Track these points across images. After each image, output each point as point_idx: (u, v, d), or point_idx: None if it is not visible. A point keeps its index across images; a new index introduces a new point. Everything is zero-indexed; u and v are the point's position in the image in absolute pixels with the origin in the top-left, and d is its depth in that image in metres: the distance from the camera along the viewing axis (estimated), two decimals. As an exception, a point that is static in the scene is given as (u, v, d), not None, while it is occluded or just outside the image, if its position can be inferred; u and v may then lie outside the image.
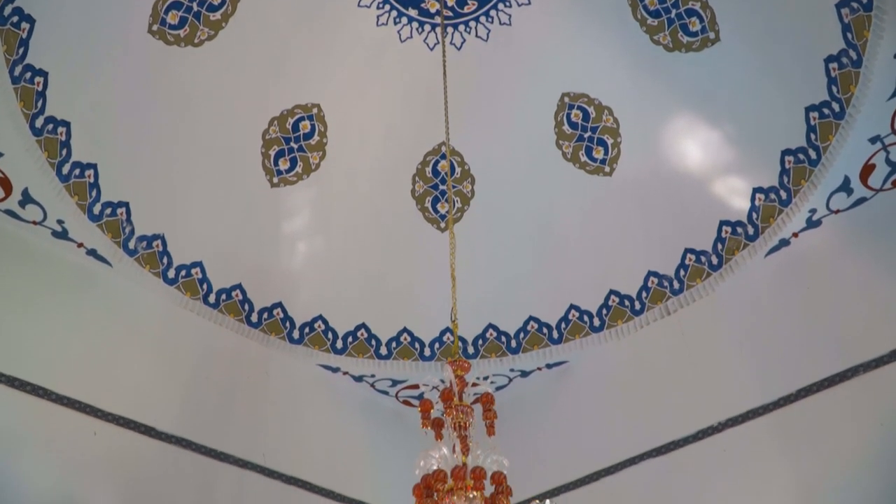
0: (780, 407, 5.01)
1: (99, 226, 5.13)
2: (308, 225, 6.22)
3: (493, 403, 3.45)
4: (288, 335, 6.14)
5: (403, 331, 6.44)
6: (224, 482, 5.32)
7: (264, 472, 5.56)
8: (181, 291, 5.62)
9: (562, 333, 6.32)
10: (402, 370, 6.36)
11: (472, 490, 2.93)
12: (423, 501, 3.14)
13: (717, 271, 5.69)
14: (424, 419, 3.41)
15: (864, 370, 4.72)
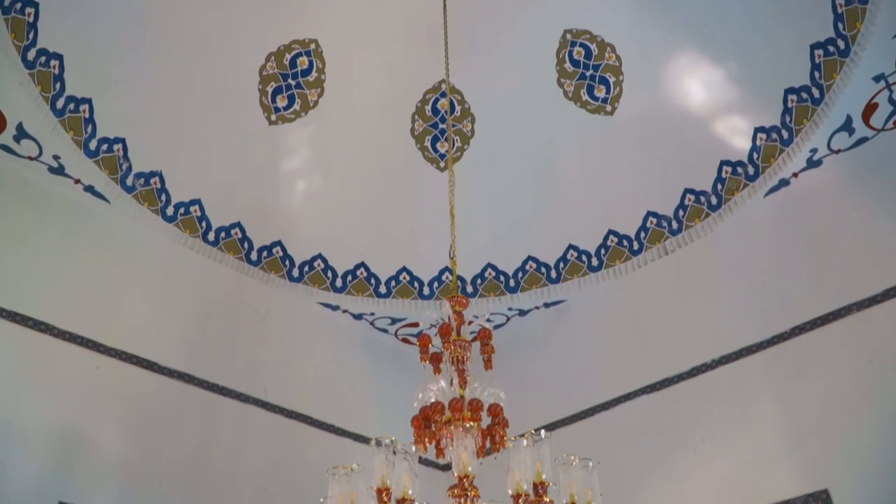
0: (774, 345, 5.09)
1: (95, 162, 5.10)
2: (306, 163, 6.19)
3: (490, 338, 3.50)
4: (288, 273, 6.18)
5: (402, 270, 6.48)
6: (227, 416, 5.44)
7: (266, 406, 5.69)
8: (180, 229, 5.63)
9: (560, 273, 6.37)
10: (402, 309, 6.42)
11: (469, 421, 2.99)
12: (421, 433, 3.21)
13: (715, 211, 5.69)
14: (423, 354, 3.45)
15: (857, 309, 4.78)
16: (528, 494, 2.61)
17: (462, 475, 2.64)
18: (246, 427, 5.51)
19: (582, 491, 2.84)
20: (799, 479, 4.62)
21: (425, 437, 3.19)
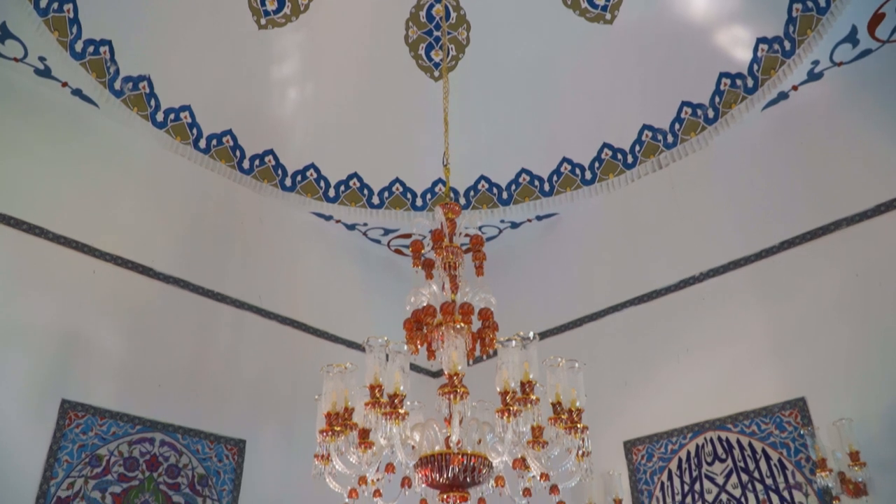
0: (762, 258, 5.16)
1: (82, 64, 4.98)
2: (298, 70, 6.04)
3: (482, 245, 3.53)
4: (280, 182, 6.16)
5: (395, 181, 6.47)
6: (223, 322, 5.55)
7: (261, 312, 5.79)
8: (171, 135, 5.56)
9: (553, 186, 6.37)
10: (394, 219, 6.45)
11: (460, 323, 3.06)
12: (412, 335, 3.29)
13: (712, 125, 5.65)
14: (415, 259, 3.48)
15: (846, 224, 4.82)
16: (515, 392, 2.70)
17: (452, 373, 2.72)
18: (241, 332, 5.63)
19: (567, 390, 2.95)
20: (778, 388, 4.79)
21: (417, 339, 3.27)
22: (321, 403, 3.01)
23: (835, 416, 4.35)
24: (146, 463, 4.69)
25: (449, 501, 2.92)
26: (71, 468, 4.33)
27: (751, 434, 4.78)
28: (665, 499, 5.03)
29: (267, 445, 5.38)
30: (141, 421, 4.75)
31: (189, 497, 4.81)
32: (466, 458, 2.81)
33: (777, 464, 4.61)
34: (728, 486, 4.77)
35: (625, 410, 5.46)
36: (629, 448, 5.35)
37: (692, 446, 5.03)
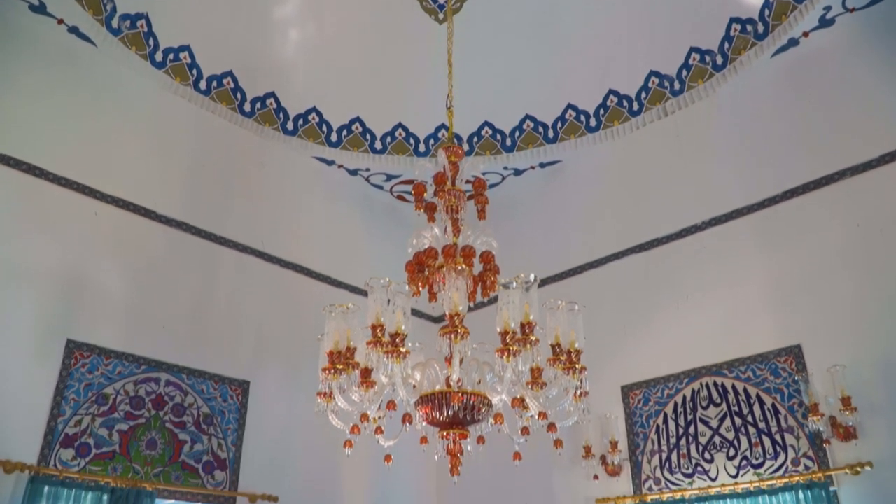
0: (764, 207, 5.16)
1: (78, 0, 4.87)
2: (299, 11, 5.91)
3: (484, 188, 3.53)
4: (282, 126, 6.11)
5: (398, 126, 6.40)
6: (226, 265, 5.58)
7: (263, 257, 5.82)
8: (170, 76, 5.49)
9: (557, 133, 6.31)
10: (397, 165, 6.41)
11: (462, 265, 3.07)
12: (414, 276, 3.31)
13: (720, 72, 5.56)
14: (418, 202, 3.48)
15: (851, 173, 4.80)
16: (514, 332, 2.73)
17: (453, 314, 2.75)
18: (244, 276, 5.66)
19: (567, 332, 2.98)
20: (774, 335, 4.84)
21: (418, 281, 3.30)
22: (323, 343, 3.05)
23: (829, 363, 4.42)
24: (152, 402, 4.78)
25: (449, 439, 2.98)
26: (78, 406, 4.42)
27: (746, 380, 4.86)
28: (660, 441, 5.14)
29: (270, 386, 5.47)
30: (146, 361, 4.82)
31: (195, 435, 4.92)
32: (466, 396, 2.86)
33: (770, 408, 4.70)
34: (722, 430, 4.87)
35: (623, 356, 5.54)
36: (626, 392, 5.45)
37: (688, 391, 5.12)
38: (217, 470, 4.95)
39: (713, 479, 4.79)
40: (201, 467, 4.87)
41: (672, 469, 5.01)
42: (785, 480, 4.41)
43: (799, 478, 4.36)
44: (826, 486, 4.24)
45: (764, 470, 4.60)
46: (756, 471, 4.63)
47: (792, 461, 4.51)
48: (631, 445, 5.28)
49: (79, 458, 4.32)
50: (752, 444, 4.70)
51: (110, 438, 4.50)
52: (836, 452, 4.36)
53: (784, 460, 4.54)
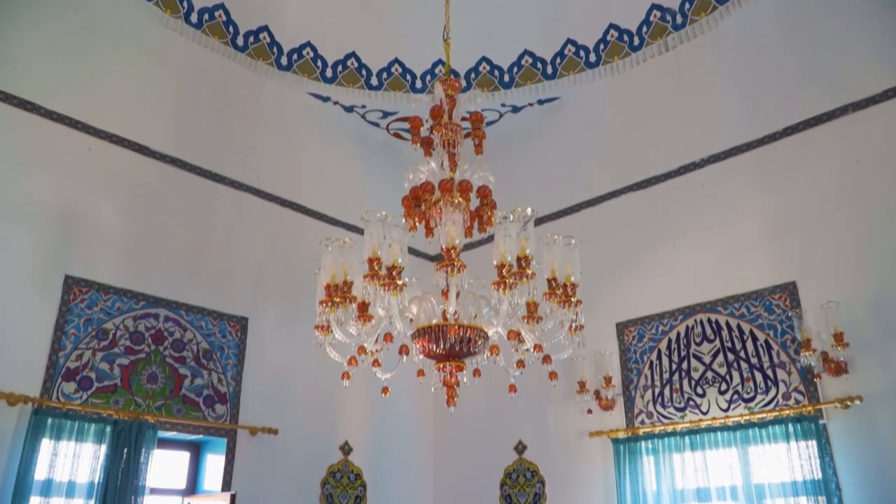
0: (764, 144, 5.11)
1: (64, -71, 4.72)
2: (292, -61, 5.74)
3: (481, 122, 3.47)
4: (276, 61, 5.99)
5: (395, 62, 6.28)
6: (222, 203, 5.55)
7: (259, 194, 5.79)
8: (160, 8, 5.34)
9: (556, 69, 6.20)
10: (393, 101, 6.31)
11: (458, 199, 3.05)
12: (411, 211, 3.29)
13: (723, 4, 5.42)
14: (414, 136, 3.42)
15: (852, 109, 4.74)
16: (511, 265, 2.74)
17: (449, 247, 2.74)
18: (241, 213, 5.65)
19: (563, 266, 2.99)
20: (769, 272, 4.87)
21: (415, 216, 3.28)
22: (320, 276, 3.06)
23: (823, 299, 4.46)
24: (152, 337, 4.83)
25: (445, 371, 3.02)
26: (78, 341, 4.46)
27: (740, 316, 4.91)
28: (653, 376, 5.23)
29: (269, 323, 5.52)
30: (145, 297, 4.85)
31: (195, 369, 4.99)
32: (462, 329, 2.88)
33: (763, 344, 4.76)
34: (714, 365, 4.95)
35: (619, 294, 5.58)
36: (621, 329, 5.51)
37: (682, 328, 5.18)
38: (218, 403, 5.04)
39: (704, 412, 4.89)
40: (202, 401, 4.96)
41: (664, 403, 5.11)
42: (775, 414, 4.50)
43: (789, 411, 4.45)
44: (815, 419, 4.33)
45: (755, 404, 4.69)
46: (747, 405, 4.72)
47: (783, 395, 4.60)
48: (624, 381, 5.37)
49: (81, 391, 4.39)
50: (743, 379, 4.78)
51: (111, 372, 4.56)
52: (827, 387, 4.44)
53: (775, 395, 4.63)
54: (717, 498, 4.61)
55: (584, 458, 5.41)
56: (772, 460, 4.46)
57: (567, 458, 5.53)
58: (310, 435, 5.53)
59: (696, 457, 4.76)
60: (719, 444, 4.67)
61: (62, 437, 4.15)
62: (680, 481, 4.79)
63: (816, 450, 4.26)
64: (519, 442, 5.88)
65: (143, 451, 4.40)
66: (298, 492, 5.33)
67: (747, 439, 4.56)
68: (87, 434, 4.25)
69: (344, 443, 5.74)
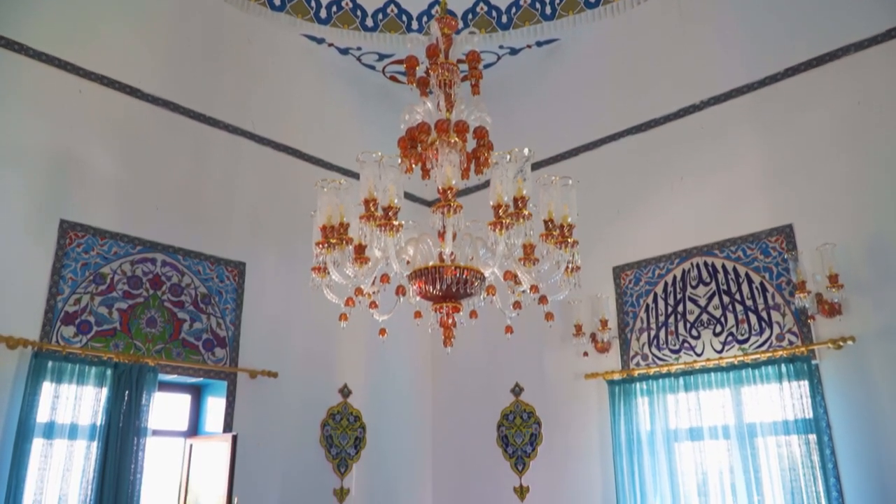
0: (765, 86, 5.04)
1: None
2: None
3: (479, 62, 3.39)
4: (269, 1, 5.83)
5: (390, 2, 6.12)
6: (217, 147, 5.50)
7: (254, 138, 5.73)
8: (148, -56, 5.19)
9: (555, 9, 6.05)
10: (389, 44, 6.18)
11: (455, 138, 3.01)
12: (407, 153, 3.26)
13: (727, -60, 5.27)
14: (410, 76, 3.36)
15: (854, 49, 4.67)
16: (507, 206, 2.72)
17: (446, 188, 2.72)
18: (236, 158, 5.60)
19: (560, 207, 2.97)
20: (767, 215, 4.86)
21: (411, 157, 3.25)
22: (316, 218, 3.04)
23: (819, 242, 4.47)
24: (149, 282, 4.84)
25: (442, 312, 3.04)
26: (76, 285, 4.47)
27: (736, 259, 4.93)
28: (649, 319, 5.27)
29: (266, 268, 5.53)
30: (141, 242, 4.84)
31: (193, 314, 5.02)
32: (459, 270, 2.88)
33: (758, 287, 4.79)
34: (709, 308, 4.99)
35: (616, 238, 5.58)
36: (618, 273, 5.53)
37: (678, 271, 5.20)
38: (217, 347, 5.08)
39: (699, 354, 4.95)
40: (201, 345, 5.00)
41: (659, 346, 5.17)
42: (768, 355, 4.55)
43: (782, 352, 4.50)
44: (808, 359, 4.39)
45: (749, 345, 4.74)
46: (741, 346, 4.78)
47: (776, 337, 4.64)
48: (620, 324, 5.41)
49: (80, 335, 4.42)
50: (738, 321, 4.83)
51: (110, 316, 4.59)
52: (820, 328, 4.48)
53: (769, 336, 4.68)
54: (709, 437, 4.71)
55: (580, 400, 5.50)
56: (764, 400, 4.54)
57: (563, 399, 5.62)
58: (309, 378, 5.60)
59: (690, 397, 4.83)
60: (713, 384, 4.74)
61: (63, 380, 4.19)
62: (673, 421, 4.89)
63: (808, 389, 4.32)
64: (516, 384, 5.97)
65: (144, 394, 4.45)
66: (299, 433, 5.43)
67: (740, 380, 4.62)
68: (87, 377, 4.30)
69: (343, 386, 5.82)
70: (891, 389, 4.18)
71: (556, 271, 3.02)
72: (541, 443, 5.67)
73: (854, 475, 4.20)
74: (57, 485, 4.06)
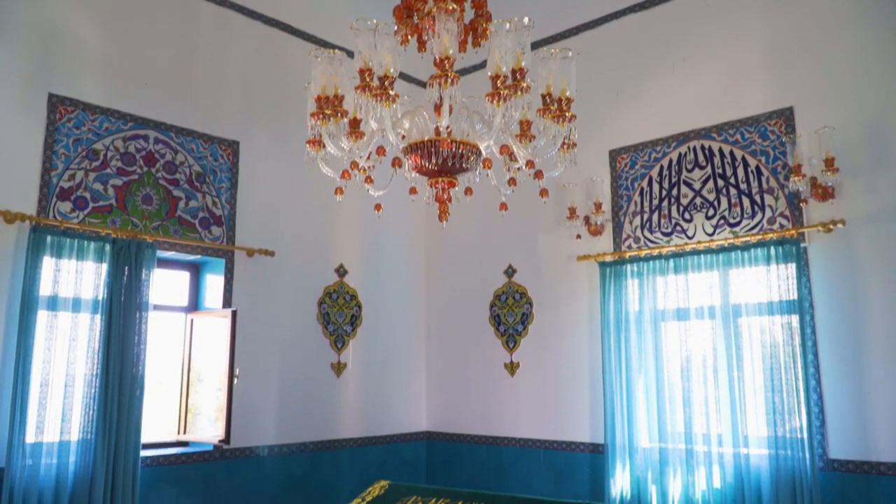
0: (776, -40, 4.83)
1: None
2: None
3: (478, -75, 3.24)
4: None
5: None
6: (206, 20, 5.32)
7: (244, 12, 5.53)
8: None
9: None
10: None
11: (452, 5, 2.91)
12: (403, 22, 3.17)
13: None
14: (407, -57, 3.21)
15: (875, -80, 4.43)
16: (506, 77, 2.67)
17: (443, 57, 2.65)
18: (226, 33, 5.42)
19: (558, 80, 2.91)
20: (768, 97, 4.79)
21: (407, 27, 3.16)
22: (311, 89, 2.98)
23: (819, 125, 4.43)
24: (143, 159, 4.80)
25: (437, 186, 3.05)
26: (69, 161, 4.44)
27: (734, 143, 4.90)
28: (643, 203, 5.30)
29: (261, 147, 5.48)
30: (133, 118, 4.76)
31: (189, 192, 5.02)
32: (455, 144, 2.86)
33: (754, 170, 4.79)
34: (703, 191, 5.01)
35: (614, 120, 5.52)
36: (614, 156, 5.51)
37: (675, 154, 5.18)
38: (214, 226, 5.12)
39: (690, 237, 5.02)
40: (198, 223, 5.03)
41: (652, 229, 5.22)
42: (758, 238, 4.61)
43: (772, 235, 4.56)
44: (797, 242, 4.45)
45: (740, 228, 4.80)
46: (732, 229, 4.84)
47: (768, 220, 4.70)
48: (614, 207, 5.45)
49: (77, 210, 4.43)
50: (731, 205, 4.86)
51: (106, 193, 4.58)
52: (812, 212, 4.52)
53: (760, 219, 4.73)
54: (695, 317, 4.85)
55: (571, 281, 5.62)
56: (751, 282, 4.64)
57: (555, 280, 5.75)
58: (305, 257, 5.68)
59: (679, 280, 4.94)
60: (702, 267, 4.83)
61: (63, 255, 4.24)
62: (661, 302, 5.02)
63: (795, 271, 4.42)
64: (509, 266, 6.08)
65: (143, 270, 4.52)
66: (296, 310, 5.57)
67: (729, 262, 4.71)
68: (87, 252, 4.34)
69: (339, 265, 5.92)
70: (875, 272, 4.28)
71: (552, 147, 3.00)
72: (532, 322, 5.85)
73: (832, 355, 4.37)
74: (64, 354, 4.19)
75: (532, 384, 5.78)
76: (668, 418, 4.85)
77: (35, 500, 3.95)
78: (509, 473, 5.77)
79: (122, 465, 4.27)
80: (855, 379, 4.27)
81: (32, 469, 3.98)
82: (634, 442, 4.94)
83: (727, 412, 4.59)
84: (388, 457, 6.07)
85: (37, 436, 4.04)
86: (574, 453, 5.43)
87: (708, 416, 4.68)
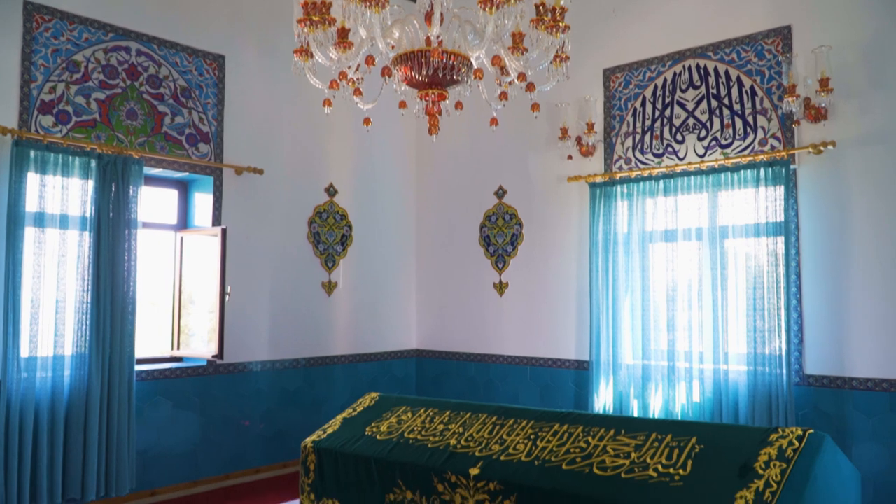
0: None
1: None
2: None
3: None
4: None
5: None
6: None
7: (226, -82, 5.28)
8: None
9: None
10: None
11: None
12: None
13: None
14: None
15: None
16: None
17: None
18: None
19: (553, -10, 2.83)
20: (767, 15, 4.69)
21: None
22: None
23: (816, 44, 4.35)
24: (125, 72, 4.68)
25: (427, 100, 3.00)
26: (49, 73, 4.32)
27: (729, 62, 4.82)
28: (635, 123, 5.26)
29: (248, 62, 5.35)
30: (113, 28, 4.61)
31: (174, 108, 4.92)
32: (446, 55, 2.81)
33: (748, 91, 4.74)
34: (696, 112, 4.96)
35: (609, 39, 5.41)
36: (608, 76, 5.42)
37: (669, 74, 5.10)
38: (201, 143, 5.05)
39: (681, 158, 5.00)
40: (185, 139, 4.96)
41: (643, 150, 5.19)
42: (749, 159, 4.60)
43: (763, 156, 4.55)
44: (787, 164, 4.45)
45: (731, 149, 4.78)
46: (723, 150, 4.82)
47: (759, 142, 4.67)
48: (607, 128, 5.40)
49: (60, 124, 4.35)
50: (723, 126, 4.83)
51: (88, 107, 4.49)
52: (804, 134, 4.50)
53: (752, 141, 4.70)
54: (682, 238, 4.89)
55: (562, 202, 5.63)
56: (739, 204, 4.66)
57: (545, 202, 5.75)
58: (295, 176, 5.64)
59: (668, 201, 4.95)
60: (691, 188, 4.83)
61: (48, 170, 4.18)
62: (650, 223, 5.04)
63: (783, 193, 4.43)
64: (499, 187, 6.06)
65: (130, 186, 4.48)
66: (287, 229, 5.57)
67: (719, 184, 4.71)
68: (72, 168, 4.29)
69: (329, 185, 5.88)
70: (862, 195, 4.30)
71: (545, 59, 2.95)
72: (521, 242, 5.88)
73: (815, 276, 4.43)
74: (54, 270, 4.20)
75: (520, 303, 5.87)
76: (652, 337, 4.96)
77: (32, 412, 4.04)
78: (497, 389, 5.92)
79: (118, 378, 4.35)
80: (836, 299, 4.35)
81: (28, 382, 4.04)
82: (619, 359, 5.06)
83: (710, 331, 4.69)
84: (378, 374, 6.20)
85: (31, 350, 4.09)
86: (560, 370, 5.57)
87: (691, 334, 4.79)
